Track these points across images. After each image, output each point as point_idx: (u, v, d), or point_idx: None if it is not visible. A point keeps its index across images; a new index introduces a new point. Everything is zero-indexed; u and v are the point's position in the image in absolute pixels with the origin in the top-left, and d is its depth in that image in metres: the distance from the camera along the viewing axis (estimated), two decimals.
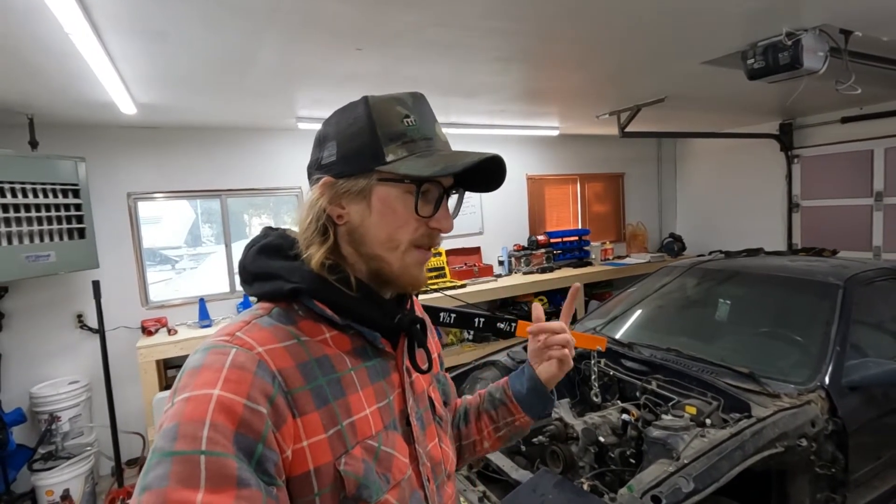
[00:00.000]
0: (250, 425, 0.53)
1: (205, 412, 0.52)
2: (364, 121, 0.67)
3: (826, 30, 2.22)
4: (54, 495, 2.88)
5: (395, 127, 0.66)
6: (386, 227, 0.67)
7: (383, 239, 0.67)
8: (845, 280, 2.27)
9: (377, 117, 0.66)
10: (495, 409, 0.93)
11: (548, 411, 0.94)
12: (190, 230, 4.02)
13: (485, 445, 0.95)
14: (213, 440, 0.50)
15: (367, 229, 0.67)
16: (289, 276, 0.66)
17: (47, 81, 2.30)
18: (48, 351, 3.26)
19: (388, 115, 0.67)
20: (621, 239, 6.13)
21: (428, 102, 0.72)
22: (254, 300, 0.71)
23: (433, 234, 0.70)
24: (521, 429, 0.93)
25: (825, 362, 1.95)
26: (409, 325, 0.72)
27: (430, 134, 0.69)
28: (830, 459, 1.77)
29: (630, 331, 2.69)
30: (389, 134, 0.66)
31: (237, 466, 0.50)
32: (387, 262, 0.68)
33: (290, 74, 2.52)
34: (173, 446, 0.50)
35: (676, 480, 1.43)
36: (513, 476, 1.72)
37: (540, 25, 2.06)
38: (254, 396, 0.55)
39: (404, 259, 0.68)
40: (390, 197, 0.66)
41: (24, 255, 2.67)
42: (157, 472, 0.49)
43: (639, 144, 6.08)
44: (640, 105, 3.75)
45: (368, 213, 0.67)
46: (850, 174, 4.75)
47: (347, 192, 0.67)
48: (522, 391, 0.91)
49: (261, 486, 0.52)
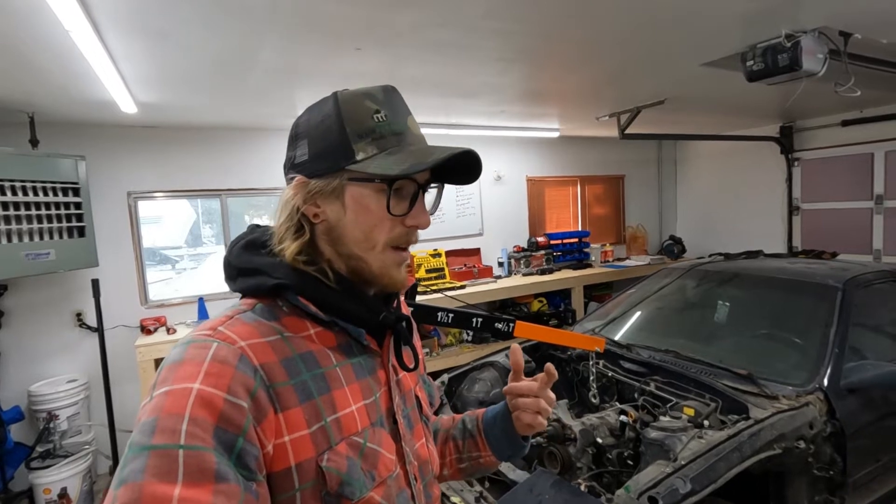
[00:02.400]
0: (230, 419, 0.53)
1: (184, 406, 0.51)
2: (333, 118, 0.65)
3: (825, 32, 2.23)
4: (52, 493, 2.87)
5: (365, 123, 0.65)
6: (361, 227, 0.66)
7: (360, 238, 0.66)
8: (844, 282, 2.27)
9: (346, 114, 0.65)
10: (463, 440, 0.91)
11: (516, 458, 0.91)
12: (191, 230, 4.02)
13: (444, 472, 0.92)
14: (193, 434, 0.50)
15: (343, 229, 0.66)
16: (272, 271, 0.65)
17: (48, 80, 2.31)
18: (47, 349, 3.26)
19: (357, 112, 0.65)
20: (621, 241, 6.13)
21: (400, 95, 0.70)
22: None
23: (410, 232, 0.68)
24: (485, 467, 0.90)
25: (824, 364, 1.95)
26: (394, 322, 0.71)
27: (400, 128, 0.67)
28: (829, 462, 1.77)
29: (629, 332, 2.69)
30: (358, 131, 0.64)
31: (216, 461, 0.50)
32: (365, 262, 0.67)
33: (289, 74, 2.52)
34: (151, 440, 0.49)
35: (673, 481, 1.42)
36: (510, 476, 1.72)
37: (541, 26, 2.07)
38: (234, 390, 0.54)
39: (383, 259, 0.67)
40: (363, 196, 0.65)
41: (24, 252, 2.67)
42: (133, 465, 0.48)
43: (639, 146, 6.08)
44: (641, 107, 3.76)
45: (343, 212, 0.66)
46: (851, 177, 4.75)
47: (320, 191, 0.65)
48: (494, 431, 0.88)
49: (240, 481, 0.51)
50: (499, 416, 0.88)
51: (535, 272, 4.97)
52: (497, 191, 5.15)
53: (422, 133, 0.71)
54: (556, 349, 2.61)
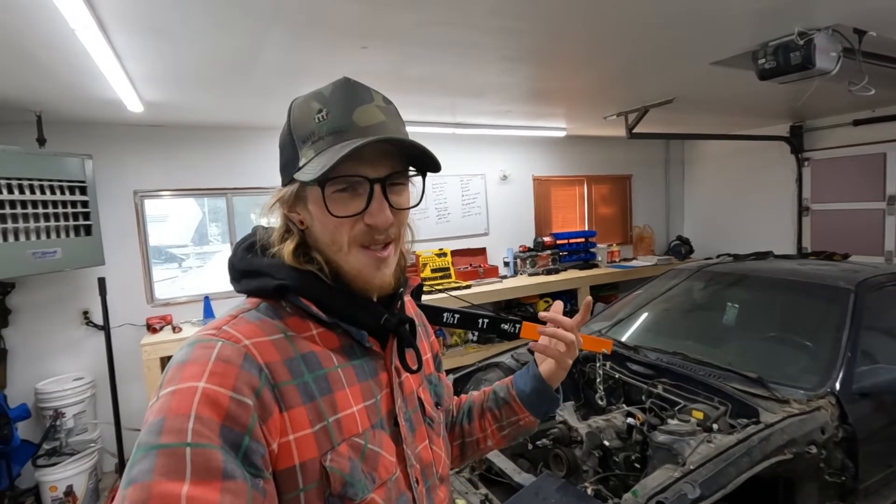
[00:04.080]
0: (236, 418, 0.53)
1: (190, 405, 0.52)
2: (286, 128, 0.67)
3: (839, 29, 2.19)
4: (58, 491, 2.89)
5: (308, 127, 0.64)
6: (326, 230, 0.66)
7: (328, 242, 0.67)
8: (856, 284, 2.23)
9: (294, 120, 0.66)
10: (499, 409, 0.93)
11: (552, 412, 0.92)
12: (197, 229, 4.03)
13: (488, 444, 0.94)
14: (199, 433, 0.50)
15: (316, 233, 0.68)
16: (274, 273, 0.66)
17: (55, 79, 2.31)
18: (54, 347, 3.28)
19: (302, 116, 0.65)
20: (628, 241, 6.09)
21: (355, 86, 0.66)
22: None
23: (373, 230, 0.65)
24: (525, 428, 0.92)
25: (835, 368, 1.91)
26: (395, 325, 0.71)
27: (340, 125, 0.63)
28: (840, 467, 1.74)
29: (636, 334, 2.66)
30: (302, 136, 0.65)
31: (223, 458, 0.50)
32: (339, 265, 0.68)
33: (296, 73, 2.51)
34: (158, 440, 0.50)
35: (682, 486, 1.40)
36: (515, 479, 1.71)
37: (548, 24, 2.04)
38: (240, 388, 0.55)
39: (353, 261, 0.66)
40: (318, 200, 0.64)
41: (31, 251, 2.68)
42: (141, 465, 0.49)
43: (646, 146, 6.04)
44: (648, 106, 3.72)
45: (311, 218, 0.67)
46: (862, 177, 4.69)
47: (287, 201, 0.68)
48: (526, 390, 0.90)
49: (247, 478, 0.52)
50: (528, 377, 0.90)
51: (541, 272, 4.95)
52: (503, 190, 5.13)
53: (378, 122, 0.64)
54: None
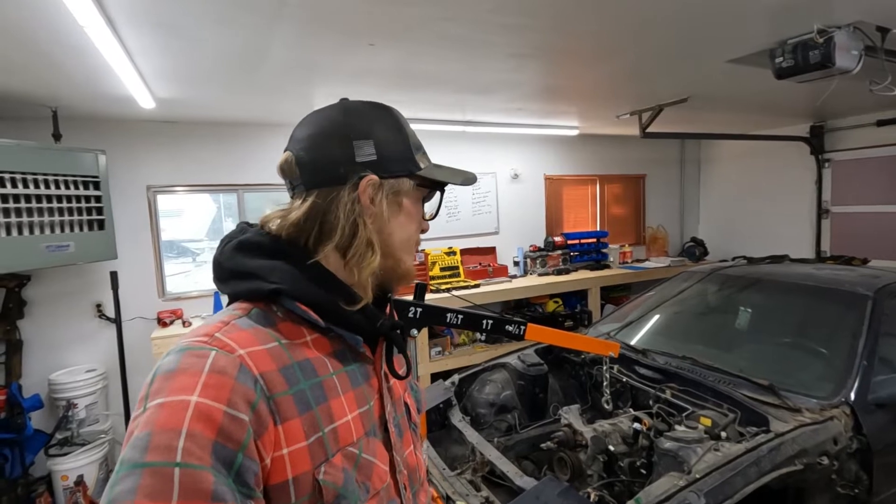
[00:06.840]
0: (230, 434, 0.51)
1: (181, 420, 0.49)
2: (397, 126, 0.72)
3: (861, 27, 2.11)
4: (69, 480, 2.94)
5: (414, 138, 0.74)
6: (406, 229, 0.71)
7: (404, 239, 0.71)
8: (875, 290, 2.16)
9: (405, 125, 0.73)
10: None
11: None
12: (212, 223, 4.07)
13: None
14: (189, 451, 0.48)
15: (392, 229, 0.69)
16: (268, 275, 0.63)
17: (69, 76, 2.34)
18: (67, 339, 3.33)
19: (408, 126, 0.74)
20: (641, 242, 6.00)
21: None
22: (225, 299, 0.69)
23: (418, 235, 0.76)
24: None
25: (851, 377, 1.86)
26: (389, 329, 0.70)
27: (419, 142, 0.76)
28: (853, 479, 1.69)
29: (645, 337, 2.61)
30: (414, 143, 0.73)
31: (213, 480, 0.48)
32: (403, 262, 0.72)
33: (304, 70, 2.51)
34: (144, 457, 0.47)
35: (686, 495, 1.37)
36: (517, 482, 1.68)
37: (555, 20, 2.00)
38: (235, 403, 0.52)
39: (409, 259, 0.73)
40: (411, 200, 0.71)
41: (45, 244, 2.72)
42: (124, 485, 0.46)
43: (661, 145, 5.93)
44: (663, 105, 3.65)
45: (389, 213, 0.69)
46: (886, 179, 4.55)
47: (388, 190, 0.69)
48: None
49: (237, 500, 0.49)
50: None
51: (552, 272, 4.90)
52: (514, 189, 5.09)
53: None
54: (569, 352, 2.56)
